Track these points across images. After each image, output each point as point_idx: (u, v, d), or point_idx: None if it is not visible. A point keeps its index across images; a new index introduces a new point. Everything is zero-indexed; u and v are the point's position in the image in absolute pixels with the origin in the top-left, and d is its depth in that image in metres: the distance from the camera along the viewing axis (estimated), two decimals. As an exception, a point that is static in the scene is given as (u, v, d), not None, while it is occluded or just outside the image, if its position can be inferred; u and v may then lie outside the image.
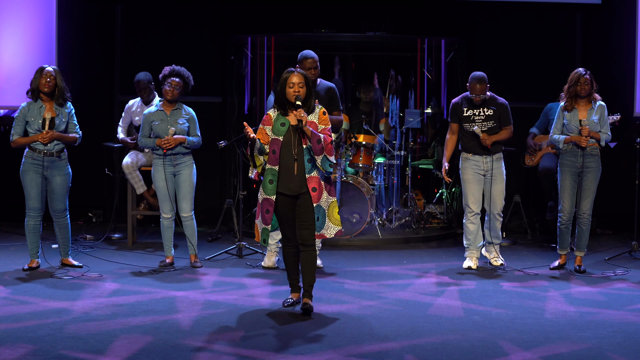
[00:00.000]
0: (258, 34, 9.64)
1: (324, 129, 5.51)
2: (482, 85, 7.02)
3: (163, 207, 7.16)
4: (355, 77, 10.96)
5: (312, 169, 5.49)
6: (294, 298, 5.72)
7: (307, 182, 5.47)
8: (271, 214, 5.53)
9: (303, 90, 5.48)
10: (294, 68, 5.58)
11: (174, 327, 5.24)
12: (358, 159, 8.93)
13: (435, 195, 9.80)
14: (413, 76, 10.26)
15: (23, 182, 6.83)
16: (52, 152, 6.79)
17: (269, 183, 5.50)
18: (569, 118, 6.97)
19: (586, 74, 6.93)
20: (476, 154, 7.13)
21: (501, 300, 6.04)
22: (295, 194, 5.50)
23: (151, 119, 7.09)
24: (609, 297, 6.16)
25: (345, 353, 4.73)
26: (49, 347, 4.76)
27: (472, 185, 7.15)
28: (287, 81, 5.49)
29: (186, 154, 7.13)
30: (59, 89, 6.78)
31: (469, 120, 7.12)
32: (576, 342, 4.99)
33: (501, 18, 9.76)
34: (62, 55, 9.27)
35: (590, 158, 6.97)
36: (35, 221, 6.85)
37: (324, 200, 5.53)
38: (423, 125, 10.08)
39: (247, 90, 9.76)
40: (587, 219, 7.05)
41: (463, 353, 4.75)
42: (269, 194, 5.51)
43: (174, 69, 7.13)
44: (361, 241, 8.49)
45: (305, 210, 5.50)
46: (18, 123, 6.81)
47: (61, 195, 6.88)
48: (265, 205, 5.53)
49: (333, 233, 5.59)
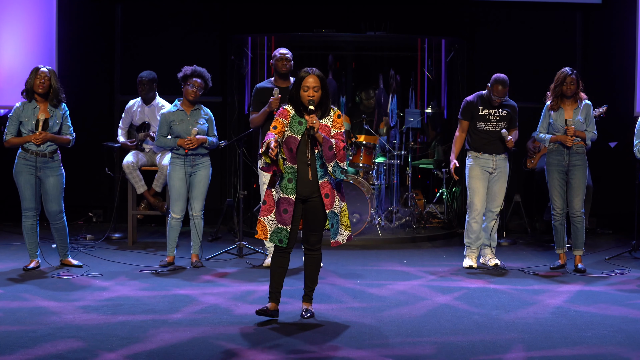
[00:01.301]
0: (258, 34, 9.65)
1: (337, 133, 5.23)
2: (505, 89, 7.08)
3: (174, 206, 7.14)
4: (356, 77, 10.97)
5: (324, 175, 5.25)
6: (269, 307, 5.36)
7: (320, 188, 5.24)
8: (290, 214, 5.20)
9: (318, 95, 5.19)
10: (311, 68, 5.28)
11: (174, 326, 5.24)
12: (358, 158, 8.93)
13: (435, 195, 9.80)
14: (413, 76, 10.26)
15: (17, 183, 6.81)
16: (45, 152, 6.76)
17: (288, 182, 5.20)
18: (554, 117, 7.01)
19: (572, 74, 6.95)
20: (487, 152, 7.15)
21: (501, 300, 6.04)
22: (305, 197, 5.26)
23: (170, 118, 7.07)
24: (609, 297, 6.16)
25: (345, 353, 4.74)
26: (49, 347, 4.76)
27: (479, 183, 7.16)
28: (302, 83, 5.20)
29: (205, 155, 7.14)
30: (54, 90, 6.75)
31: (484, 120, 7.14)
32: (577, 341, 4.99)
33: (501, 18, 9.76)
34: (62, 55, 9.28)
35: (577, 156, 7.00)
36: (32, 221, 6.85)
37: (336, 206, 5.30)
38: (423, 125, 10.08)
39: (247, 90, 9.76)
40: (580, 217, 7.07)
41: (463, 353, 4.75)
42: (289, 193, 5.20)
43: (196, 69, 7.10)
44: (361, 241, 8.49)
45: (315, 214, 5.27)
46: (12, 123, 6.79)
47: (55, 197, 6.85)
48: (284, 205, 5.21)
49: (345, 239, 5.37)
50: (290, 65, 7.11)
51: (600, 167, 8.87)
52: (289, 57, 7.11)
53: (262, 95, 7.05)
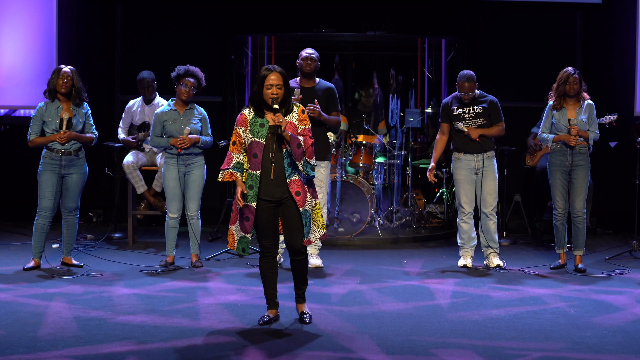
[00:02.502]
0: (258, 34, 9.65)
1: (304, 129, 5.13)
2: (471, 84, 7.07)
3: (170, 206, 7.15)
4: (356, 76, 10.97)
5: (293, 173, 5.12)
6: (270, 315, 5.30)
7: (289, 187, 5.11)
8: (251, 222, 5.14)
9: (281, 92, 5.06)
10: (272, 66, 5.14)
11: (174, 326, 5.24)
12: (358, 158, 8.93)
13: (435, 195, 9.80)
14: (413, 76, 10.26)
15: (39, 181, 6.85)
16: (70, 151, 6.83)
17: (249, 189, 5.10)
18: (557, 117, 7.00)
19: (575, 74, 6.95)
20: (467, 152, 7.15)
21: (501, 300, 6.04)
22: (278, 199, 5.14)
23: (164, 118, 7.08)
24: (609, 297, 6.16)
25: (345, 353, 4.73)
26: (49, 347, 4.76)
27: (465, 185, 7.17)
28: (265, 81, 5.06)
29: (198, 154, 7.14)
30: (76, 90, 6.82)
31: (458, 119, 7.15)
32: (577, 341, 4.98)
33: (501, 18, 9.77)
34: (63, 55, 9.27)
35: (580, 156, 6.99)
36: (45, 221, 6.87)
37: (308, 203, 5.17)
38: (423, 124, 10.08)
39: (247, 89, 9.76)
40: (581, 217, 7.06)
41: (463, 353, 4.75)
42: (250, 201, 5.11)
43: (189, 69, 7.11)
44: (361, 241, 8.49)
45: (292, 217, 5.15)
46: (35, 123, 6.84)
47: (75, 193, 6.92)
48: (245, 213, 5.14)
49: (318, 237, 5.25)
50: (315, 65, 7.14)
51: (601, 166, 8.86)
52: (315, 58, 7.14)
53: None
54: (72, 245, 7.08)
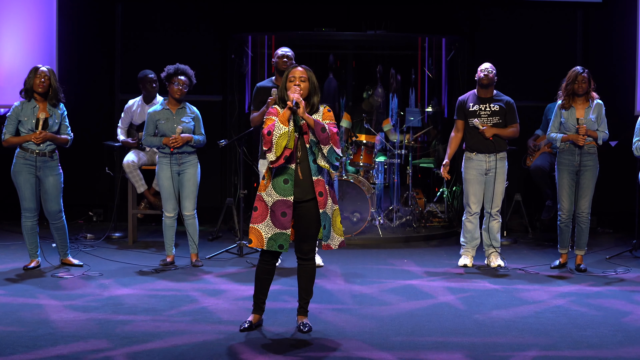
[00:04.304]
0: (259, 33, 9.64)
1: (329, 124, 4.99)
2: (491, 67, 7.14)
3: (166, 205, 7.15)
4: (356, 76, 10.95)
5: (318, 172, 5.00)
6: (252, 321, 5.15)
7: (314, 186, 4.97)
8: (289, 217, 4.94)
9: (304, 85, 4.98)
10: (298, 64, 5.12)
11: (174, 326, 5.24)
12: (359, 157, 8.93)
13: (436, 194, 9.79)
14: (414, 75, 10.25)
15: (16, 183, 6.80)
16: (45, 152, 6.76)
17: (284, 183, 4.94)
18: (566, 116, 6.97)
19: (584, 72, 6.93)
20: (480, 152, 7.12)
21: (502, 300, 6.03)
22: (301, 200, 4.99)
23: (156, 117, 7.08)
24: (610, 296, 6.16)
25: (345, 353, 4.73)
26: (49, 347, 4.76)
27: (474, 185, 7.15)
28: (289, 75, 5.02)
29: (191, 153, 7.14)
30: (53, 90, 6.75)
31: (474, 115, 7.12)
32: (577, 341, 4.98)
33: (502, 17, 9.76)
34: (63, 55, 9.27)
35: (588, 156, 6.97)
36: (32, 222, 6.84)
37: (329, 207, 5.02)
38: (424, 124, 10.08)
39: (247, 89, 9.75)
40: (586, 218, 7.05)
41: (463, 352, 4.74)
42: (286, 195, 4.93)
43: (179, 67, 7.11)
44: (362, 240, 8.49)
45: (308, 220, 5.00)
46: (10, 122, 6.77)
47: (55, 196, 6.85)
48: (282, 208, 4.93)
49: (337, 244, 5.09)
50: (291, 63, 7.10)
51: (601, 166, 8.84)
52: (290, 56, 7.10)
53: (262, 94, 7.05)
54: (66, 247, 7.06)
